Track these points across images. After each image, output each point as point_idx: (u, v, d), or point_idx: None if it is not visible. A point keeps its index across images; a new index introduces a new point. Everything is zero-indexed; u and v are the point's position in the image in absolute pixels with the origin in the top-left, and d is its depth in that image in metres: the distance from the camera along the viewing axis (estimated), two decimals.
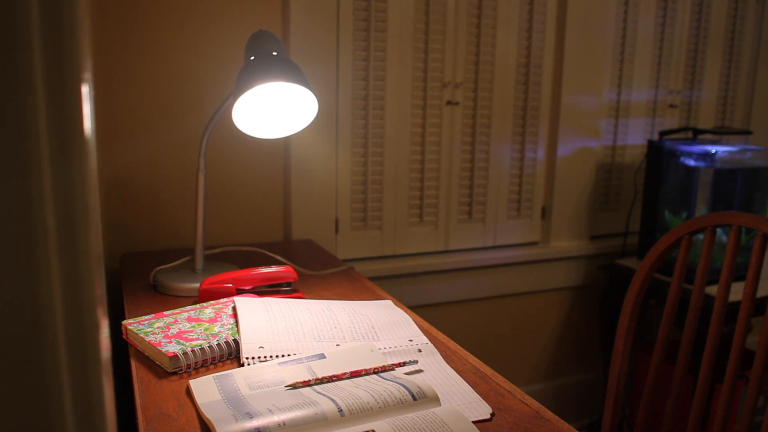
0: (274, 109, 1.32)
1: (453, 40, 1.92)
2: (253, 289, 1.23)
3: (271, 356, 0.95)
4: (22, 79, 0.30)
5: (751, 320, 1.40)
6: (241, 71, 1.21)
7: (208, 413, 0.78)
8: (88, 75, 0.33)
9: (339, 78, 1.78)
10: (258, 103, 1.29)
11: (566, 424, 0.83)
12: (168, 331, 1.01)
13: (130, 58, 1.55)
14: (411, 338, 1.05)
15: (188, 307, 1.11)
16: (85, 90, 0.32)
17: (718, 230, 1.97)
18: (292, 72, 1.21)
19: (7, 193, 0.30)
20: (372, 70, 1.83)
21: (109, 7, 1.51)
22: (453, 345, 1.06)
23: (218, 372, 0.90)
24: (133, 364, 0.96)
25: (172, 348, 0.94)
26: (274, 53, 1.23)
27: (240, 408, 0.79)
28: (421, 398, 0.82)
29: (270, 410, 0.78)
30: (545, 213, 2.19)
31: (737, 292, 1.70)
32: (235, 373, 0.88)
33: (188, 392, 0.86)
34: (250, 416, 0.76)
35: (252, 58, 1.22)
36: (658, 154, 2.10)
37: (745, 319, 1.17)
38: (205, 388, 0.85)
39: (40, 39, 0.30)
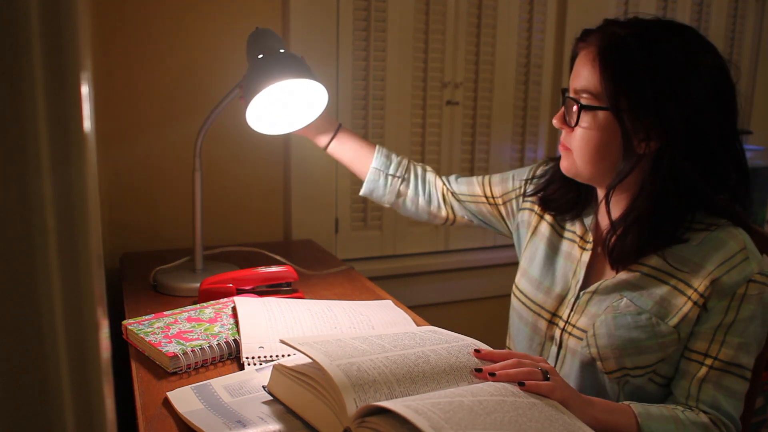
0: (273, 108, 1.31)
1: (453, 40, 1.92)
2: (253, 289, 1.23)
3: (271, 356, 0.95)
4: (22, 79, 0.30)
5: None
6: (250, 69, 1.20)
7: (196, 421, 0.77)
8: (87, 75, 0.33)
9: (339, 78, 1.78)
10: (262, 102, 1.28)
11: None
12: (168, 331, 1.01)
13: (130, 58, 1.55)
14: None
15: (188, 307, 1.11)
16: (85, 90, 0.32)
17: None
18: (304, 68, 1.20)
19: (7, 193, 0.30)
20: (372, 70, 1.83)
21: (109, 7, 1.51)
22: None
23: (195, 383, 0.88)
24: (133, 364, 0.96)
25: (172, 348, 0.94)
26: (281, 50, 1.22)
27: (229, 416, 0.78)
28: None
29: (262, 419, 0.77)
30: None
31: None
32: (213, 383, 0.87)
33: (166, 403, 0.84)
34: (243, 425, 0.76)
35: (260, 56, 1.21)
36: None
37: None
38: (184, 398, 0.83)
39: (40, 39, 0.30)
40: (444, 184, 1.31)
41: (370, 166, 1.30)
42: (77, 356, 0.33)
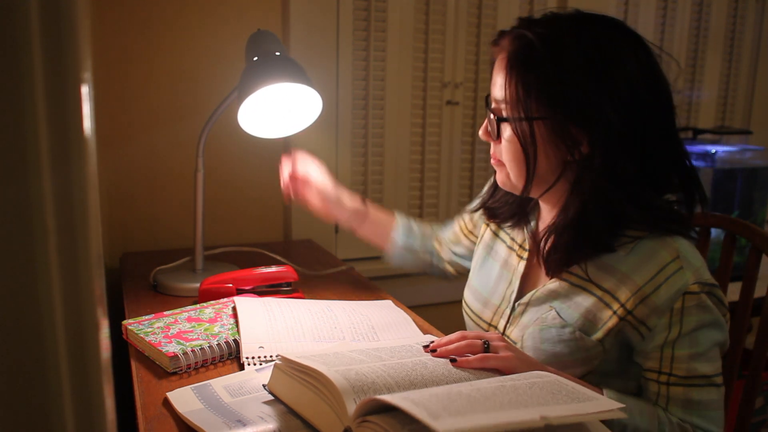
0: (274, 109, 1.31)
1: (453, 40, 1.92)
2: (253, 289, 1.23)
3: (271, 356, 0.95)
4: (22, 80, 0.30)
5: (751, 321, 1.40)
6: (244, 72, 1.21)
7: (196, 421, 0.77)
8: (87, 75, 0.33)
9: (339, 78, 1.78)
10: (259, 104, 1.28)
11: None
12: (168, 331, 1.01)
13: (130, 58, 1.55)
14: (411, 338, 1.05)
15: (188, 307, 1.11)
16: (85, 90, 0.32)
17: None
18: (297, 72, 1.20)
19: (7, 193, 0.30)
20: (372, 70, 1.83)
21: (109, 8, 1.51)
22: None
23: (195, 383, 0.88)
24: (133, 364, 0.96)
25: (172, 348, 0.94)
26: (277, 53, 1.22)
27: (229, 416, 0.78)
28: None
29: (262, 418, 0.77)
30: None
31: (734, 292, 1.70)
32: (213, 383, 0.87)
33: (166, 403, 0.84)
34: (243, 424, 0.75)
35: (255, 58, 1.21)
36: None
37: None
38: (184, 398, 0.83)
39: (40, 39, 0.30)
40: (437, 238, 1.33)
41: (394, 242, 1.30)
42: (77, 356, 0.33)
